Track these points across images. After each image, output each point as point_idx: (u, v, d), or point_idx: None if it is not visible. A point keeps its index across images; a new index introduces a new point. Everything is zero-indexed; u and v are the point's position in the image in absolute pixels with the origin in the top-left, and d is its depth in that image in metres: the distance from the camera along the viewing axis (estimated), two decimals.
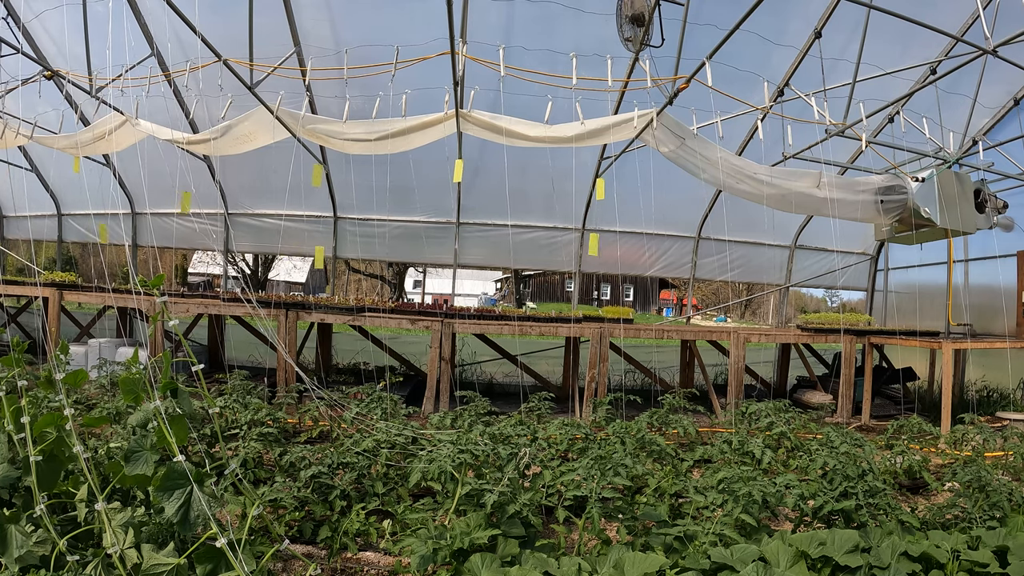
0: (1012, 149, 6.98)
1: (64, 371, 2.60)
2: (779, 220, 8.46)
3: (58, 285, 7.37)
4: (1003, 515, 2.95)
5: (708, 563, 2.29)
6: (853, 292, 10.87)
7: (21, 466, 2.37)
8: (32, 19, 7.10)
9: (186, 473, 1.95)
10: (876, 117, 6.31)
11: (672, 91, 5.27)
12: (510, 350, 8.19)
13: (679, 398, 5.31)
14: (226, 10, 5.78)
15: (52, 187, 10.16)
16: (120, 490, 2.53)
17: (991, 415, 6.84)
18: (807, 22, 6.25)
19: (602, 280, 33.89)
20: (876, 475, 3.14)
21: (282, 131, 6.31)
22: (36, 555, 2.13)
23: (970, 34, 5.74)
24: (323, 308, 6.52)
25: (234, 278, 11.60)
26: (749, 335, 7.36)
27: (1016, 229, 7.03)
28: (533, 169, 7.94)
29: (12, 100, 6.86)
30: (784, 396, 8.14)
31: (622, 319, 6.87)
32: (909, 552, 2.35)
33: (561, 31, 6.42)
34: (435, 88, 5.99)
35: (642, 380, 8.46)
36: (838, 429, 4.02)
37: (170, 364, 2.21)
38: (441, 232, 9.36)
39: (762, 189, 5.96)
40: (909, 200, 6.21)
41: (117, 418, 3.77)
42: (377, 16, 6.65)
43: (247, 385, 5.47)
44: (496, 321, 6.87)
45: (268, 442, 3.80)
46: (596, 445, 3.64)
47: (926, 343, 7.06)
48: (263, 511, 2.10)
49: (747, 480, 2.85)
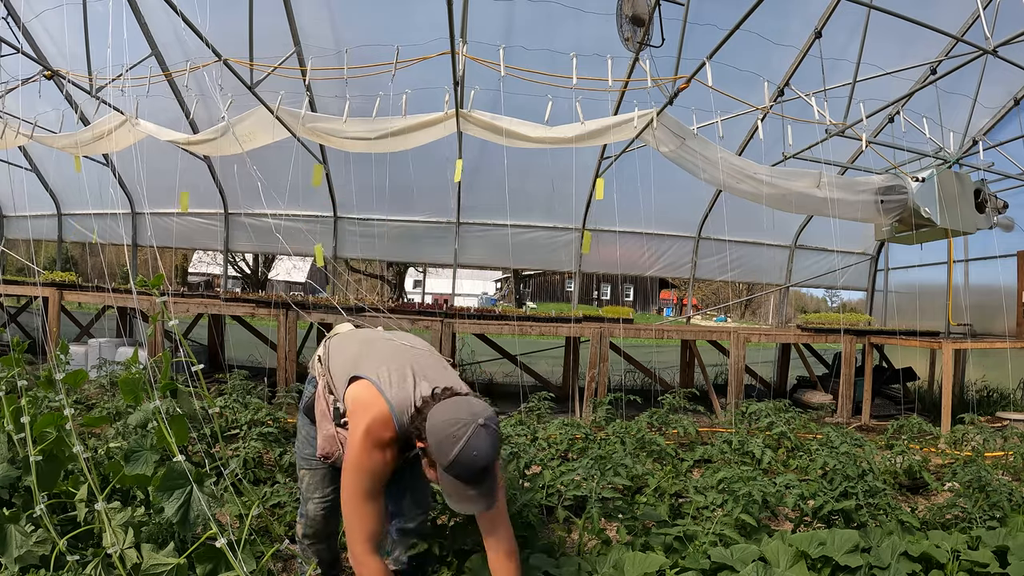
0: (1012, 149, 6.98)
1: (64, 371, 2.60)
2: (779, 220, 8.45)
3: (58, 285, 7.36)
4: (1003, 515, 2.95)
5: (708, 563, 2.29)
6: (853, 292, 10.88)
7: (21, 466, 2.37)
8: (32, 19, 7.10)
9: (186, 473, 1.95)
10: (876, 117, 6.30)
11: (672, 91, 5.27)
12: (510, 350, 8.18)
13: (679, 398, 5.31)
14: (226, 10, 5.78)
15: (52, 187, 10.15)
16: (120, 490, 2.53)
17: (991, 415, 6.83)
18: (807, 22, 6.25)
19: (602, 280, 33.87)
20: (876, 475, 3.14)
21: (282, 131, 6.31)
22: (36, 555, 2.13)
23: (970, 34, 5.74)
24: (323, 308, 6.52)
25: (234, 278, 11.63)
26: (749, 335, 7.36)
27: (1016, 229, 7.03)
28: (533, 169, 7.93)
29: (12, 100, 6.86)
30: (784, 396, 8.14)
31: (622, 319, 6.87)
32: (909, 552, 2.35)
33: (561, 31, 6.42)
34: (435, 88, 5.98)
35: (642, 380, 8.46)
36: (838, 429, 4.02)
37: (170, 364, 2.21)
38: (441, 232, 9.36)
39: (762, 189, 5.96)
40: (909, 200, 6.21)
41: (117, 418, 3.77)
42: (377, 16, 6.64)
43: (247, 385, 5.47)
44: (496, 321, 6.86)
45: (268, 442, 3.80)
46: (596, 445, 3.64)
47: (926, 343, 7.06)
48: (263, 511, 2.10)
49: (747, 480, 2.85)
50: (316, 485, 2.27)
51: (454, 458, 1.72)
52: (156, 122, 6.56)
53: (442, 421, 1.76)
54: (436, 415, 1.79)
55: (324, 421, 2.15)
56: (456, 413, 1.78)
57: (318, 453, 2.15)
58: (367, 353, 2.11)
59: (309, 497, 2.28)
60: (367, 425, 1.86)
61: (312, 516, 2.29)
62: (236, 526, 2.12)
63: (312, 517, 2.29)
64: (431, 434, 1.77)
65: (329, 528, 2.33)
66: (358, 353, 2.14)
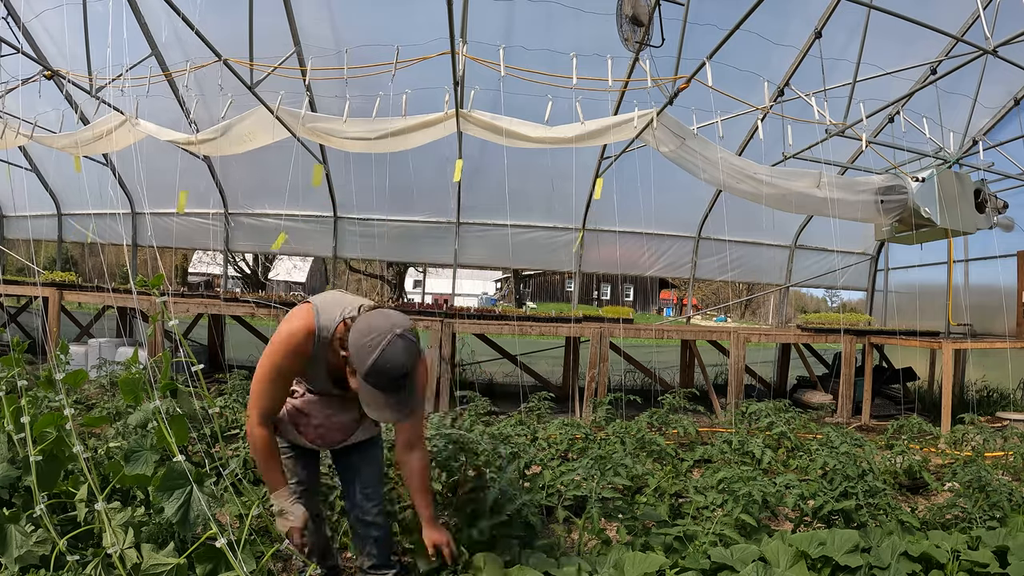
0: (1012, 149, 6.98)
1: (64, 371, 2.60)
2: (779, 220, 8.45)
3: (58, 285, 7.36)
4: (1003, 515, 2.95)
5: (708, 563, 2.29)
6: (853, 292, 10.88)
7: (21, 466, 2.37)
8: (32, 19, 7.10)
9: (186, 473, 1.95)
10: (876, 117, 6.31)
11: (672, 91, 5.27)
12: (510, 350, 8.18)
13: (679, 398, 5.30)
14: (226, 10, 5.78)
15: (52, 187, 10.15)
16: (120, 490, 2.53)
17: (991, 415, 6.83)
18: (807, 22, 6.25)
19: (602, 280, 33.86)
20: (876, 475, 3.14)
21: (282, 131, 6.31)
22: (36, 555, 2.13)
23: (970, 34, 5.74)
24: None
25: (233, 278, 11.63)
26: (749, 335, 7.36)
27: (1016, 229, 7.03)
28: (533, 169, 7.93)
29: (12, 100, 6.86)
30: (784, 396, 8.14)
31: (622, 319, 6.87)
32: (909, 552, 2.35)
33: (561, 31, 6.42)
34: (435, 88, 5.98)
35: (642, 380, 8.46)
36: (838, 429, 4.02)
37: (170, 364, 2.21)
38: (441, 232, 9.36)
39: (762, 189, 5.96)
40: (909, 200, 6.21)
41: (117, 418, 3.77)
42: (377, 16, 6.64)
43: (247, 385, 5.46)
44: (496, 321, 6.86)
45: None
46: (596, 445, 3.64)
47: (926, 343, 7.06)
48: (263, 511, 2.10)
49: (747, 480, 2.85)
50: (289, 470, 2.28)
51: (370, 366, 1.82)
52: (156, 122, 6.56)
53: (360, 331, 1.87)
54: (357, 325, 1.90)
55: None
56: (374, 323, 1.88)
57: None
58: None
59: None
60: (293, 325, 2.01)
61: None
62: (236, 526, 2.12)
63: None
64: (352, 344, 1.87)
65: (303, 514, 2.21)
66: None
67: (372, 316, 1.92)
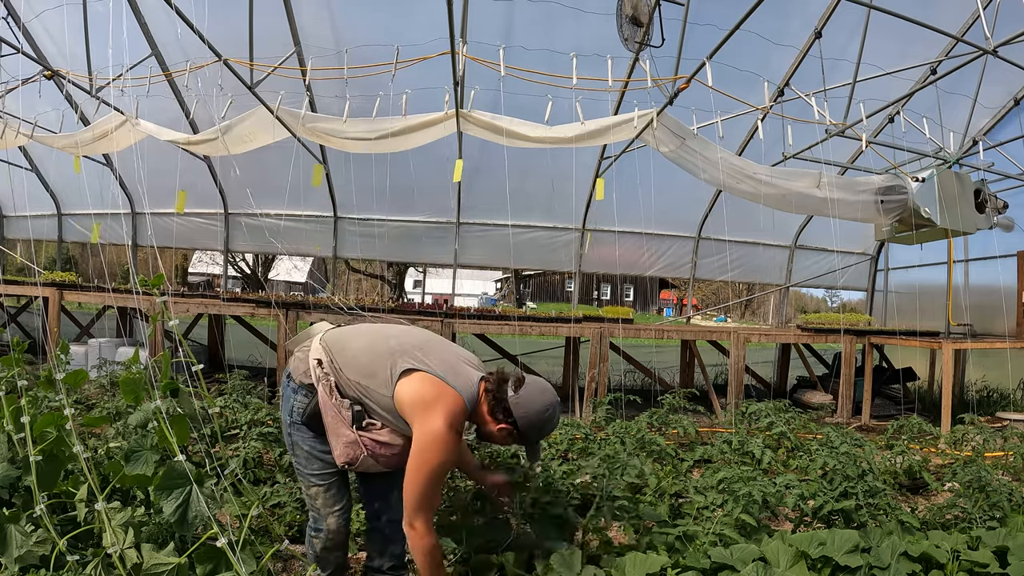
0: (1012, 149, 6.97)
1: (64, 371, 2.60)
2: (779, 220, 8.45)
3: (58, 285, 7.36)
4: (1003, 515, 2.95)
5: (708, 563, 2.29)
6: (853, 292, 10.88)
7: (21, 466, 2.37)
8: (32, 19, 7.10)
9: (186, 473, 1.95)
10: (876, 117, 6.30)
11: (672, 91, 5.26)
12: (510, 350, 8.18)
13: (679, 398, 5.30)
14: (226, 10, 5.78)
15: (52, 187, 10.15)
16: (120, 490, 2.53)
17: (991, 415, 6.83)
18: (807, 22, 6.24)
19: (602, 280, 33.86)
20: (876, 475, 3.14)
21: (282, 131, 6.31)
22: (36, 555, 2.13)
23: (970, 34, 5.74)
24: (323, 308, 6.52)
25: (234, 278, 11.63)
26: (749, 335, 7.36)
27: (1016, 229, 7.03)
28: (533, 169, 7.93)
29: (12, 100, 6.85)
30: (784, 396, 8.14)
31: (622, 319, 6.87)
32: (909, 552, 2.35)
33: (561, 31, 6.42)
34: (435, 88, 5.98)
35: (642, 380, 8.46)
36: (838, 429, 4.02)
37: (170, 364, 2.21)
38: (441, 232, 9.36)
39: (762, 189, 5.96)
40: (909, 200, 6.21)
41: (117, 418, 3.77)
42: (377, 16, 6.64)
43: (247, 385, 5.47)
44: (496, 321, 6.86)
45: (268, 442, 3.80)
46: (597, 445, 3.64)
47: (926, 343, 7.06)
48: (263, 511, 2.10)
49: (747, 480, 2.85)
50: (334, 498, 2.21)
51: (539, 430, 2.12)
52: (156, 122, 6.56)
53: (540, 406, 2.10)
54: (531, 402, 2.08)
55: (340, 427, 2.08)
56: (544, 398, 2.12)
57: (340, 461, 2.10)
58: (387, 346, 2.13)
59: (329, 512, 2.21)
60: (448, 414, 1.99)
61: (334, 529, 2.22)
62: (236, 526, 2.12)
63: (334, 530, 2.22)
64: (528, 414, 2.07)
65: (346, 533, 2.29)
66: (374, 347, 2.14)
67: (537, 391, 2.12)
